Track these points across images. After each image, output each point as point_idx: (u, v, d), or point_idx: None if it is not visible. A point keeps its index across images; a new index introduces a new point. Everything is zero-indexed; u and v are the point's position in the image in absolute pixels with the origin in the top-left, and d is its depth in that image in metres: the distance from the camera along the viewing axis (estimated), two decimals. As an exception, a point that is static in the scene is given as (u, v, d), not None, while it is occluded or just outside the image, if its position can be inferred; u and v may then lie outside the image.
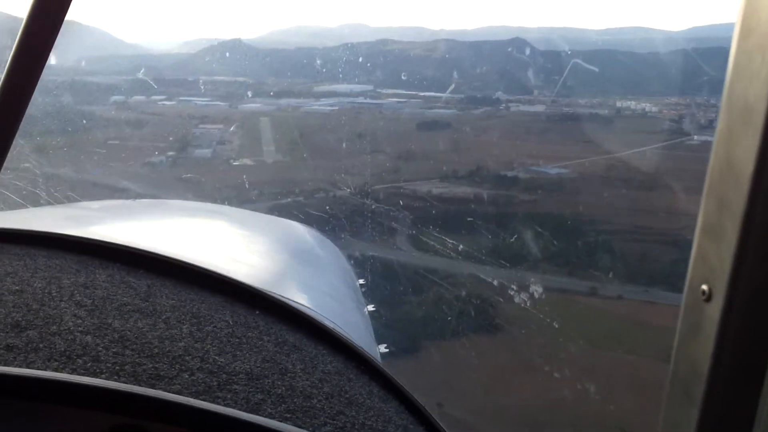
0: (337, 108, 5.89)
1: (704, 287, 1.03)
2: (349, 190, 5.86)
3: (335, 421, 1.11)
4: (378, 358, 1.97)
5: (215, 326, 1.28)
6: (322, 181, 5.69)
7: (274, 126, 5.69)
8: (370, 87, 5.48)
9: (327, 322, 1.51)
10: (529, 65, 5.12)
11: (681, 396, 1.07)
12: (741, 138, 0.98)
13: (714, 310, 1.01)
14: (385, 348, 2.15)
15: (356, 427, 1.14)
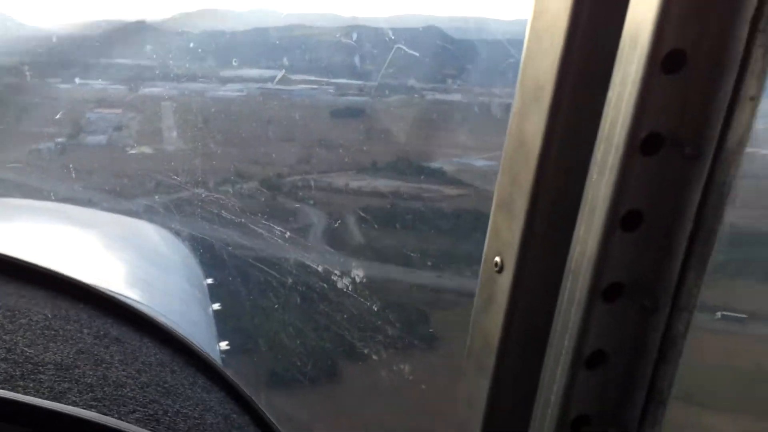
0: (245, 94, 5.87)
1: (497, 259, 1.09)
2: (257, 182, 5.84)
3: (146, 409, 1.14)
4: (217, 354, 2.05)
5: (31, 319, 1.29)
6: (229, 172, 5.67)
7: (177, 111, 5.63)
8: (279, 72, 5.47)
9: (159, 317, 1.55)
10: (443, 54, 5.19)
11: (475, 369, 1.14)
12: (532, 116, 1.05)
13: (505, 282, 1.08)
14: (227, 345, 2.25)
15: (169, 414, 1.17)
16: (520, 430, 1.15)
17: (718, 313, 4.77)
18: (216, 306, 2.42)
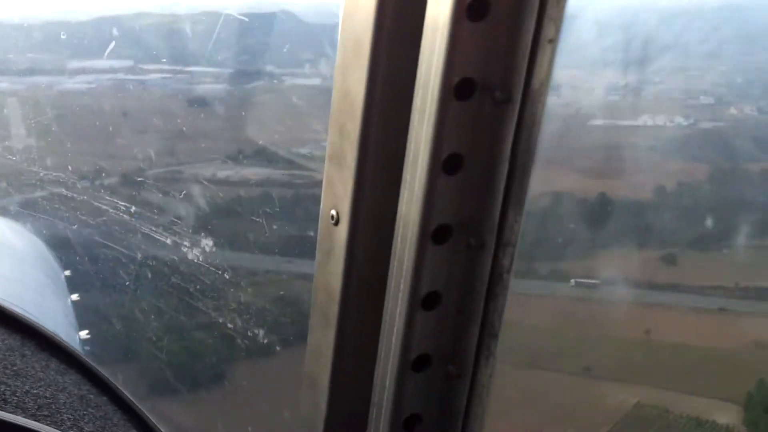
0: (95, 85, 5.66)
1: (333, 212, 1.12)
2: (118, 177, 5.67)
3: None
4: (77, 342, 2.05)
5: None
6: (86, 168, 5.46)
7: (22, 106, 5.37)
8: (130, 62, 5.31)
9: (11, 306, 1.52)
10: (300, 38, 5.18)
11: (320, 321, 1.17)
12: (353, 70, 1.08)
13: (341, 234, 1.11)
14: (87, 334, 2.26)
15: (17, 395, 1.16)
16: (366, 376, 1.19)
17: (572, 281, 4.97)
18: (75, 297, 2.41)
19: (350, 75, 1.11)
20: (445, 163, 1.05)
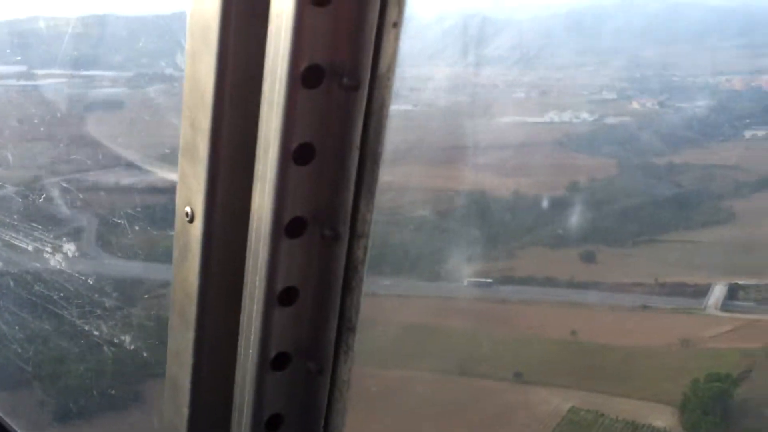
0: (-15, 91, 5.43)
1: (188, 209, 1.09)
2: (11, 188, 5.45)
3: None
4: None
5: None
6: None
7: None
8: (23, 68, 5.10)
9: None
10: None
11: (179, 322, 1.13)
12: (203, 57, 1.05)
13: (197, 231, 1.07)
14: None
15: None
16: (227, 377, 1.16)
17: (466, 281, 4.92)
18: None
19: (200, 64, 1.08)
20: (296, 154, 1.02)
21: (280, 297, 1.08)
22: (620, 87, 4.96)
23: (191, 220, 1.12)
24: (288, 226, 1.05)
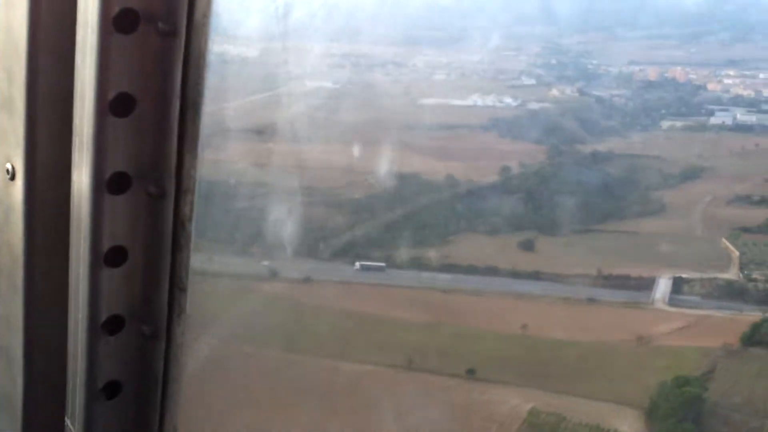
0: None
1: (8, 166, 1.03)
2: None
3: None
4: None
5: None
6: None
7: None
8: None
9: None
10: None
11: (7, 287, 1.08)
12: (15, 3, 0.98)
13: (18, 189, 1.01)
14: None
15: None
16: (60, 343, 1.11)
17: (358, 264, 4.71)
18: None
19: (12, 11, 1.02)
20: (114, 104, 0.97)
21: (107, 257, 1.03)
22: (537, 73, 4.92)
23: (12, 178, 1.07)
24: (109, 182, 1.00)
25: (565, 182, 5.22)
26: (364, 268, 4.69)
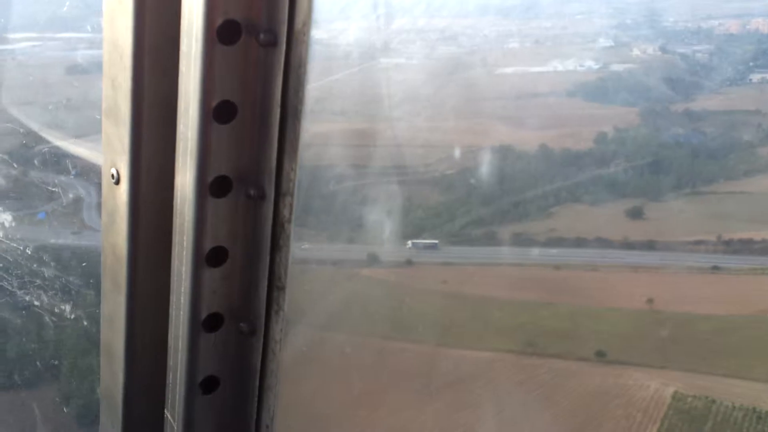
0: (-43, 56, 5.42)
1: (113, 171, 1.10)
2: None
3: None
4: None
5: None
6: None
7: None
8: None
9: None
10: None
11: (111, 286, 1.15)
12: (120, 18, 1.05)
13: (123, 193, 1.09)
14: None
15: None
16: (160, 340, 1.18)
17: (409, 242, 4.66)
18: None
19: (117, 24, 1.09)
20: (217, 112, 1.03)
21: (209, 257, 1.10)
22: (614, 34, 4.86)
23: (117, 182, 1.14)
24: (212, 186, 1.06)
25: (664, 144, 5.14)
26: (416, 246, 4.68)
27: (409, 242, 4.71)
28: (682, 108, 5.12)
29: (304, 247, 1.08)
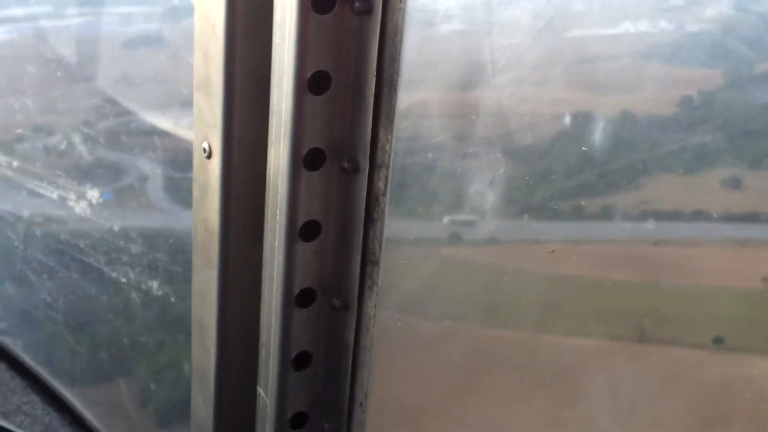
0: (16, 35, 5.53)
1: (205, 145, 1.11)
2: (61, 135, 5.52)
3: None
4: None
5: None
6: (21, 126, 5.36)
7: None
8: (49, 8, 5.17)
9: None
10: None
11: (202, 261, 1.16)
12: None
13: (215, 167, 1.09)
14: None
15: None
16: (252, 315, 1.19)
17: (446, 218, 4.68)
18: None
19: (210, -6, 1.09)
20: (311, 82, 1.03)
21: (302, 232, 1.10)
22: None
23: (209, 156, 1.14)
24: (306, 158, 1.06)
25: (754, 107, 5.06)
26: (452, 222, 4.66)
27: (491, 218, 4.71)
28: (764, 68, 5.01)
29: (399, 221, 1.07)
